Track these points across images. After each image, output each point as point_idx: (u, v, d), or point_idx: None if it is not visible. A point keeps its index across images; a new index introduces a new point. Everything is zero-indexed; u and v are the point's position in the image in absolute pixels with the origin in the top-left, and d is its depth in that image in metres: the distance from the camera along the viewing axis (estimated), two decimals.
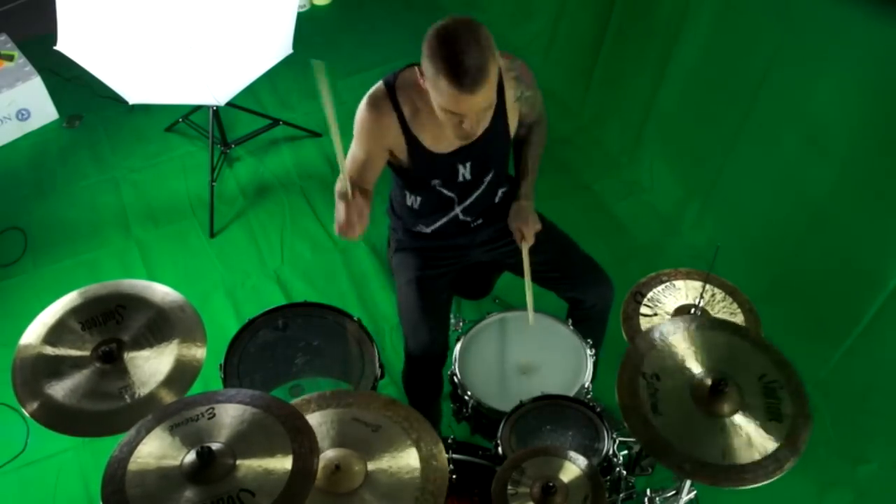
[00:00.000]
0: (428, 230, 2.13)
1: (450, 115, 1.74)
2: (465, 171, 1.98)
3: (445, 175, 1.99)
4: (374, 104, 1.89)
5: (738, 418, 1.54)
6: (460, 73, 1.62)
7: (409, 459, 1.50)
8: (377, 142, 1.93)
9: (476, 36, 1.63)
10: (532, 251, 2.05)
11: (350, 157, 1.96)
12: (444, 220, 2.10)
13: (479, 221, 2.13)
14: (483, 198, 2.07)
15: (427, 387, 2.18)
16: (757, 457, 1.48)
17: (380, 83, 1.91)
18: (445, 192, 2.03)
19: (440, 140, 1.91)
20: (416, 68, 1.78)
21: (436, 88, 1.69)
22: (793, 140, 2.58)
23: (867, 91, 2.31)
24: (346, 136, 1.97)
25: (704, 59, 2.85)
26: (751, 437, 1.51)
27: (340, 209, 1.81)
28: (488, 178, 2.03)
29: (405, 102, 1.88)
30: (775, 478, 1.46)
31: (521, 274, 2.16)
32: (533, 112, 2.07)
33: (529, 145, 2.12)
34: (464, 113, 1.71)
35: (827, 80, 2.41)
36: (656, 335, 1.68)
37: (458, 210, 2.08)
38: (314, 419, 1.56)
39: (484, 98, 1.69)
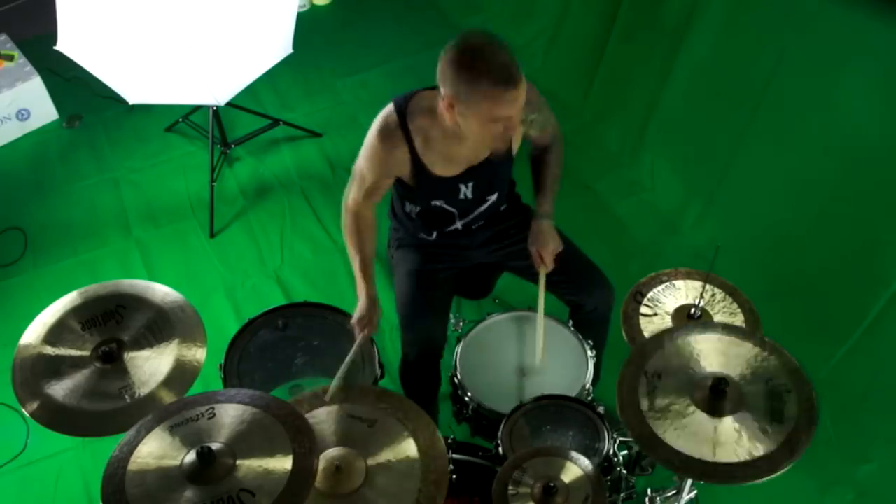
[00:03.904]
0: (430, 238, 2.13)
1: (492, 126, 1.73)
2: (466, 191, 1.99)
3: (447, 195, 1.99)
4: (385, 136, 1.87)
5: (737, 418, 1.54)
6: (503, 73, 1.64)
7: (407, 453, 1.51)
8: (387, 170, 1.93)
9: (493, 38, 1.67)
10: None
11: (358, 174, 1.96)
12: (446, 230, 2.11)
13: (481, 222, 2.13)
14: (484, 214, 2.07)
15: (423, 383, 2.18)
16: (747, 457, 1.48)
17: (390, 108, 1.87)
18: (447, 207, 2.03)
19: (448, 166, 1.92)
20: (427, 93, 1.78)
21: (476, 101, 1.67)
22: (798, 140, 2.57)
23: (873, 92, 2.31)
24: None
25: (712, 59, 2.84)
26: (745, 436, 1.51)
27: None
28: (491, 199, 2.03)
29: (416, 131, 1.86)
30: (766, 479, 1.46)
31: (523, 276, 2.16)
32: (545, 135, 2.07)
33: (547, 165, 2.10)
34: (509, 115, 1.70)
35: (833, 81, 2.41)
36: (665, 339, 1.68)
37: (458, 224, 2.08)
38: (310, 420, 1.56)
39: (524, 92, 1.70)
